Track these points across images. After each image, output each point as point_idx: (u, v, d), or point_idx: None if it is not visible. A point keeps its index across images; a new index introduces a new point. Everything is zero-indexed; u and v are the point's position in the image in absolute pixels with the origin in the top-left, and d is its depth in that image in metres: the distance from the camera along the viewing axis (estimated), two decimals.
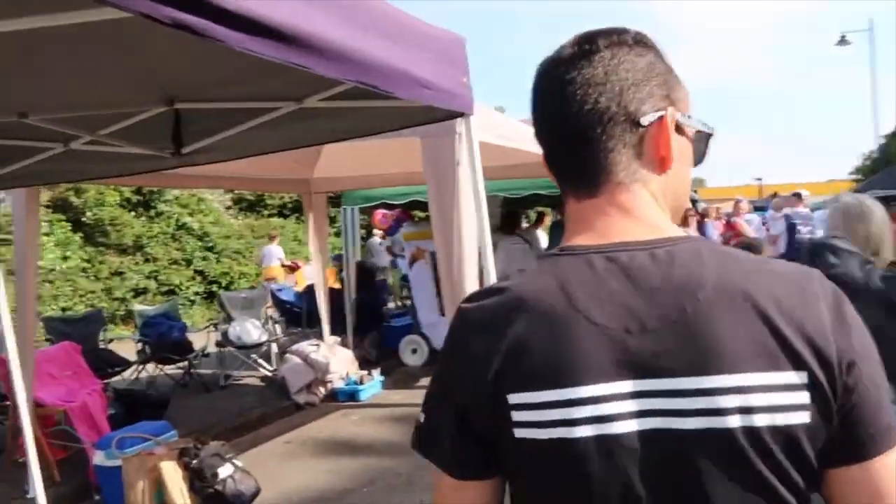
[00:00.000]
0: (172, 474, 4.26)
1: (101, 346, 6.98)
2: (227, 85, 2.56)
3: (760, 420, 0.72)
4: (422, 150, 3.33)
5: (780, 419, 0.72)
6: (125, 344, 7.79)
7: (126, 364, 6.66)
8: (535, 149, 0.94)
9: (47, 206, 11.57)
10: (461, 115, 2.72)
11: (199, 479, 4.26)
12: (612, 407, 0.75)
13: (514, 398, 0.78)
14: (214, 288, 15.25)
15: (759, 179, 37.57)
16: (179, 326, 7.51)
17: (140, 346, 7.39)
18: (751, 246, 3.94)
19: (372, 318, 9.36)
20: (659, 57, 0.87)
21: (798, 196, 10.76)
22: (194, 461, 4.29)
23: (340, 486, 4.85)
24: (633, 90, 0.82)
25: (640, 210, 0.83)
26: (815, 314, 0.75)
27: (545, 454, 0.77)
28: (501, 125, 4.30)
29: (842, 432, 0.75)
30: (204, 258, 14.34)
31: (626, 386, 0.75)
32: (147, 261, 13.17)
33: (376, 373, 7.63)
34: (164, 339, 7.33)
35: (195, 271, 14.23)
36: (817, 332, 0.74)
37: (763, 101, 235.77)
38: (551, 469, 0.78)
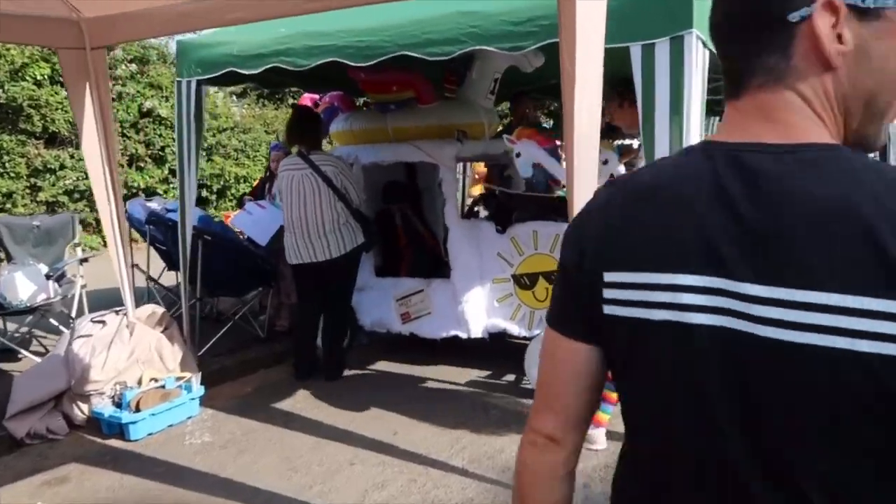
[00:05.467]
0: None
1: None
2: None
3: (845, 343, 0.68)
4: None
5: (866, 346, 0.67)
6: None
7: None
8: None
9: None
10: None
11: None
12: (689, 297, 0.78)
13: (608, 276, 0.85)
14: (204, 193, 12.34)
15: None
16: None
17: None
18: None
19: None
20: None
21: None
22: None
23: None
24: None
25: (779, 113, 0.79)
26: None
27: (626, 332, 0.84)
28: None
29: None
30: None
31: (709, 281, 0.77)
32: None
33: (195, 381, 4.25)
34: None
35: (171, 171, 11.27)
36: None
37: None
38: (632, 349, 0.85)
